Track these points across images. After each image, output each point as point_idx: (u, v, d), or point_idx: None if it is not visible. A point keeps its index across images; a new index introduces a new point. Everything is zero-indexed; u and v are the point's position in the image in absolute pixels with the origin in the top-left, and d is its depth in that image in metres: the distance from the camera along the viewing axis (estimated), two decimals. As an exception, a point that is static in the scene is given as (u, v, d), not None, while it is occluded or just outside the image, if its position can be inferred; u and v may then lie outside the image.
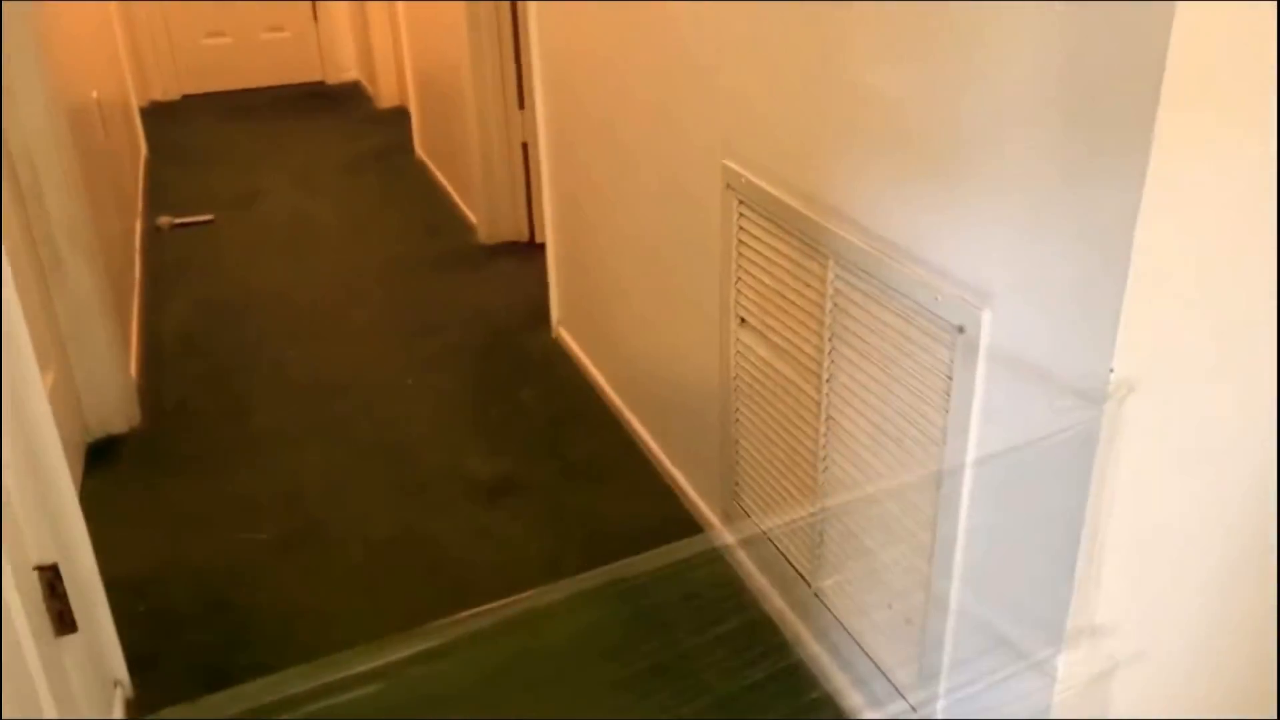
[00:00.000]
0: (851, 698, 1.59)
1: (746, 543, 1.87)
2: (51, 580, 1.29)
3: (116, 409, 2.43)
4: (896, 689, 1.47)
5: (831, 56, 1.35)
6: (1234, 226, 0.99)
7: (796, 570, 1.68)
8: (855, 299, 1.39)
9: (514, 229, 3.39)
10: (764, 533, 1.78)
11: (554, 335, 2.80)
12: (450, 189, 3.82)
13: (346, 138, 4.63)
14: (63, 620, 1.32)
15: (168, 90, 5.18)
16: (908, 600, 1.41)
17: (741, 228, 1.66)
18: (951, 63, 1.13)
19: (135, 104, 4.51)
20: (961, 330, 1.19)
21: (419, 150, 4.28)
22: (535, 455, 2.29)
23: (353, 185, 4.07)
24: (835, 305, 1.44)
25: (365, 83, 5.32)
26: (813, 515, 1.59)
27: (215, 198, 3.87)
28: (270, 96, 5.28)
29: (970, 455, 1.22)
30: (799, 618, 1.72)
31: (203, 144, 4.56)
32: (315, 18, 5.37)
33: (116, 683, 1.60)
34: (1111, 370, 1.00)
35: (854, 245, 1.36)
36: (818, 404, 1.53)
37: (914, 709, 1.44)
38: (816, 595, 1.64)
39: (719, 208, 1.72)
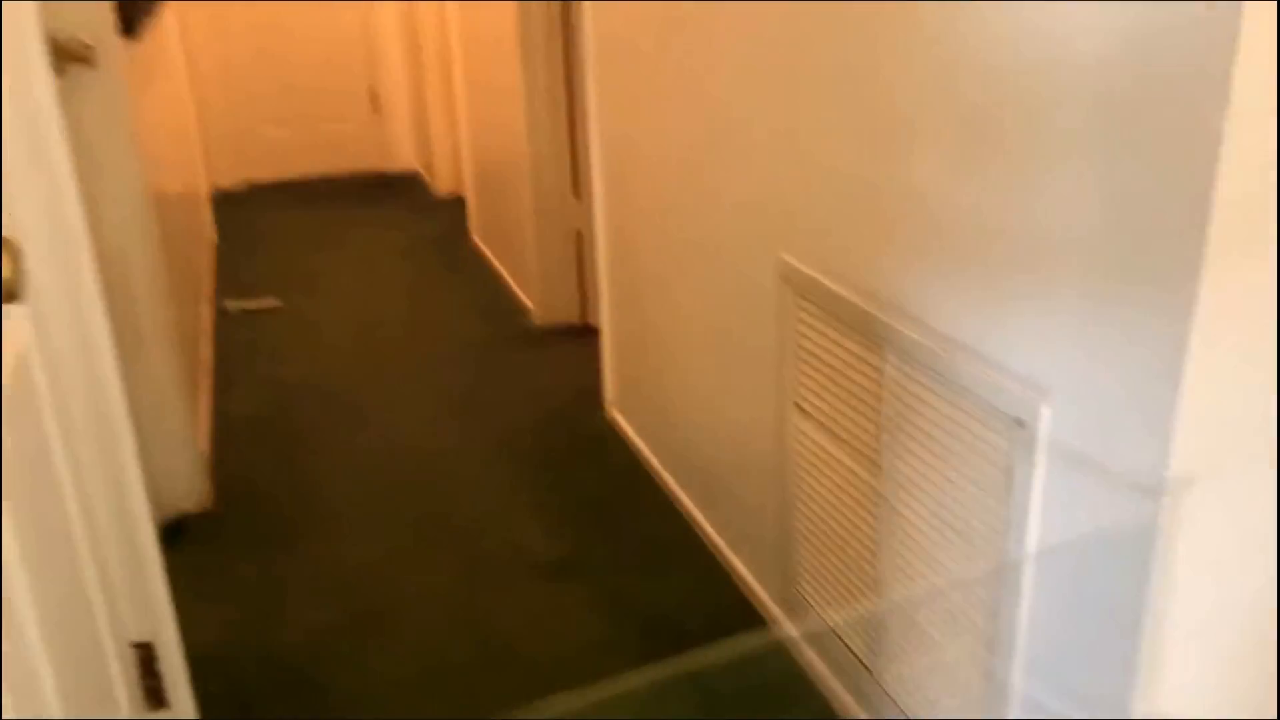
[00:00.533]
0: (913, 785, 1.60)
1: (810, 635, 1.89)
2: (147, 657, 1.35)
3: (187, 489, 2.51)
4: (959, 777, 1.48)
5: (890, 160, 1.42)
6: (1285, 328, 1.04)
7: (860, 660, 1.70)
8: (913, 390, 1.44)
9: (567, 312, 3.48)
10: (829, 627, 1.81)
11: (608, 416, 2.86)
12: (505, 273, 3.93)
13: (405, 224, 4.79)
14: (156, 697, 1.37)
15: (234, 179, 5.39)
16: (971, 690, 1.43)
17: (799, 319, 1.73)
18: (1006, 174, 1.20)
19: (206, 198, 4.70)
20: (1020, 424, 1.24)
21: (475, 236, 4.41)
22: (591, 537, 2.33)
23: (411, 270, 4.20)
24: (893, 396, 1.49)
25: (423, 172, 5.50)
26: (874, 607, 1.62)
27: (280, 283, 4.01)
28: (331, 185, 5.47)
29: (1031, 547, 1.26)
30: (864, 709, 1.73)
31: (267, 231, 4.73)
32: (376, 109, 5.58)
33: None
34: (1168, 465, 1.04)
35: (911, 339, 1.42)
36: (876, 493, 1.57)
37: (977, 797, 1.45)
38: (881, 687, 1.66)
39: (775, 299, 1.79)
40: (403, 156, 5.65)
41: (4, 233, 0.79)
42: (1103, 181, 1.06)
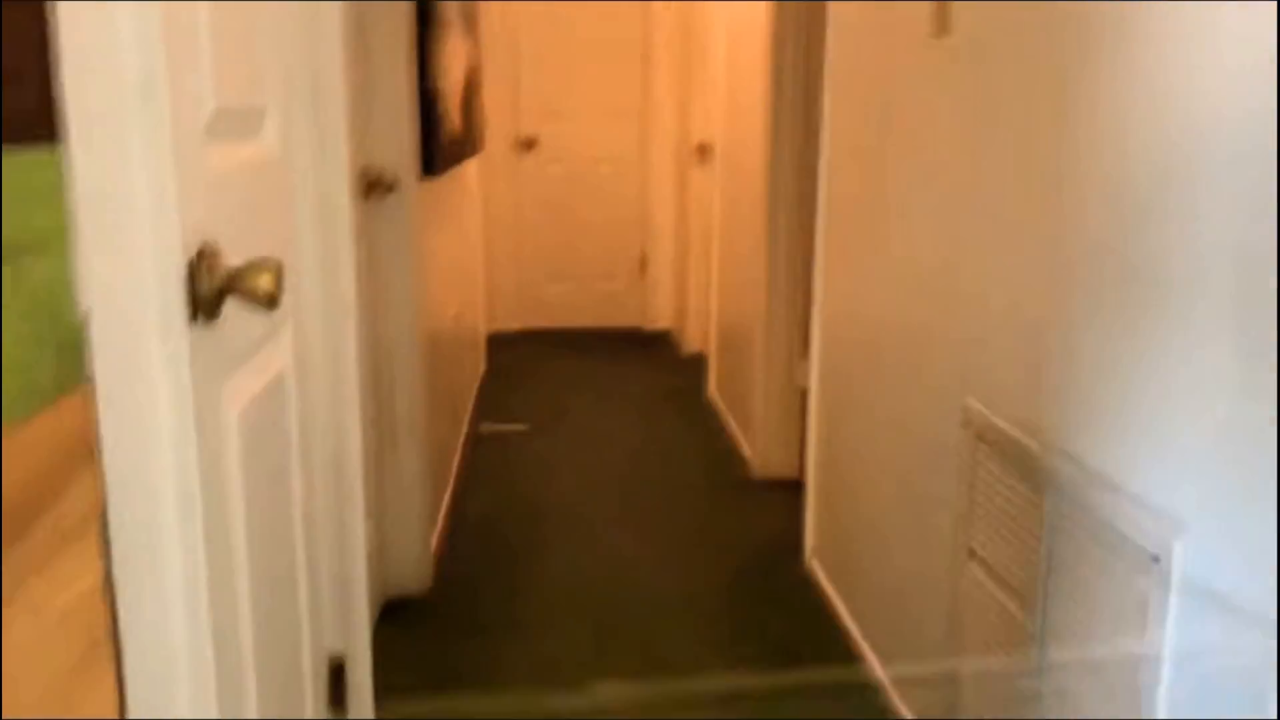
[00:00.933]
0: None
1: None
2: (338, 668, 1.56)
3: (414, 574, 2.79)
4: None
5: (1061, 310, 1.50)
6: None
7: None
8: (1067, 529, 1.46)
9: (786, 466, 3.58)
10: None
11: (807, 565, 2.91)
12: (734, 427, 4.11)
13: (650, 376, 5.10)
14: (340, 703, 1.58)
15: (510, 323, 5.95)
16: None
17: (977, 460, 1.78)
18: (1146, 322, 1.26)
19: (482, 333, 5.23)
20: (1156, 560, 1.25)
21: (711, 391, 4.64)
22: (769, 673, 2.38)
23: (649, 415, 4.47)
24: (1050, 535, 1.51)
25: (674, 331, 5.85)
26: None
27: (532, 413, 4.38)
28: (594, 337, 5.92)
29: (1164, 681, 1.24)
30: None
31: (530, 370, 5.18)
32: (643, 272, 6.04)
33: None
34: (1287, 599, 1.04)
35: (1069, 477, 1.45)
36: (1029, 634, 1.57)
37: None
38: (1021, 838, 1.61)
39: (957, 444, 1.85)
40: (661, 316, 6.04)
41: (274, 258, 1.05)
42: (1233, 336, 1.12)
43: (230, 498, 1.09)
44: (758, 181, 3.63)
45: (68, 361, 0.72)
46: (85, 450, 0.73)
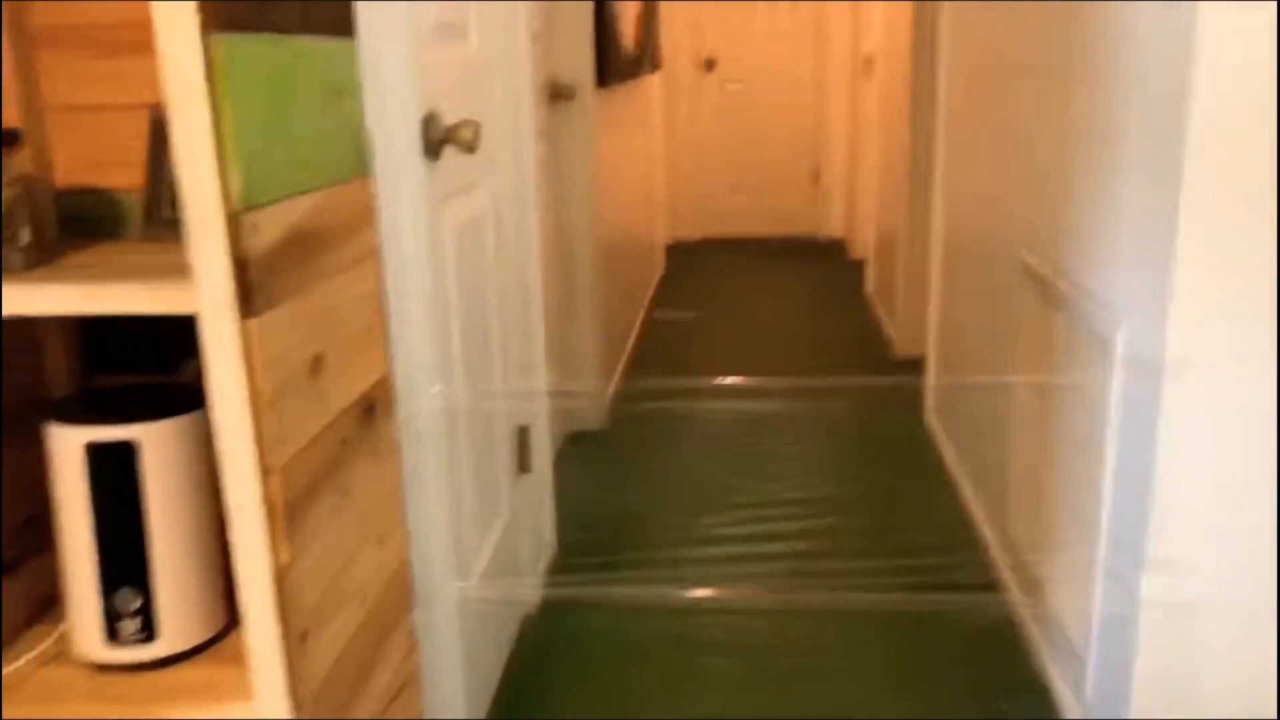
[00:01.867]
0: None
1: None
2: (522, 435, 2.17)
3: (593, 414, 3.40)
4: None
5: (1064, 180, 1.90)
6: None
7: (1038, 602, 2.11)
8: (1069, 342, 1.88)
9: (921, 346, 3.98)
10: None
11: (926, 423, 3.35)
12: (883, 316, 4.52)
13: (816, 277, 5.55)
14: (523, 465, 2.19)
15: (691, 232, 6.49)
16: (1085, 581, 1.83)
17: (1026, 300, 2.19)
18: (1113, 178, 1.66)
19: (661, 237, 5.80)
20: (1108, 345, 1.67)
21: (869, 288, 5.05)
22: (866, 486, 2.86)
23: (810, 310, 4.93)
24: (1062, 349, 1.93)
25: (845, 239, 6.24)
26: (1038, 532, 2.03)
27: (701, 304, 4.93)
28: (768, 244, 6.40)
29: (1113, 422, 1.67)
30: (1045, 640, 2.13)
31: (704, 270, 5.72)
32: (815, 183, 6.43)
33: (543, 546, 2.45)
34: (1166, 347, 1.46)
35: (1067, 292, 1.87)
36: (1049, 425, 2.00)
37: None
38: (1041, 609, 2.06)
39: (1018, 292, 2.26)
40: (833, 226, 6.43)
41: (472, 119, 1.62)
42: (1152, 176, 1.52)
43: (448, 285, 1.68)
44: (904, 92, 3.99)
45: (362, 159, 1.29)
46: (369, 212, 1.31)
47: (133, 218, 1.28)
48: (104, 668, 1.13)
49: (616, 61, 3.50)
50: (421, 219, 1.50)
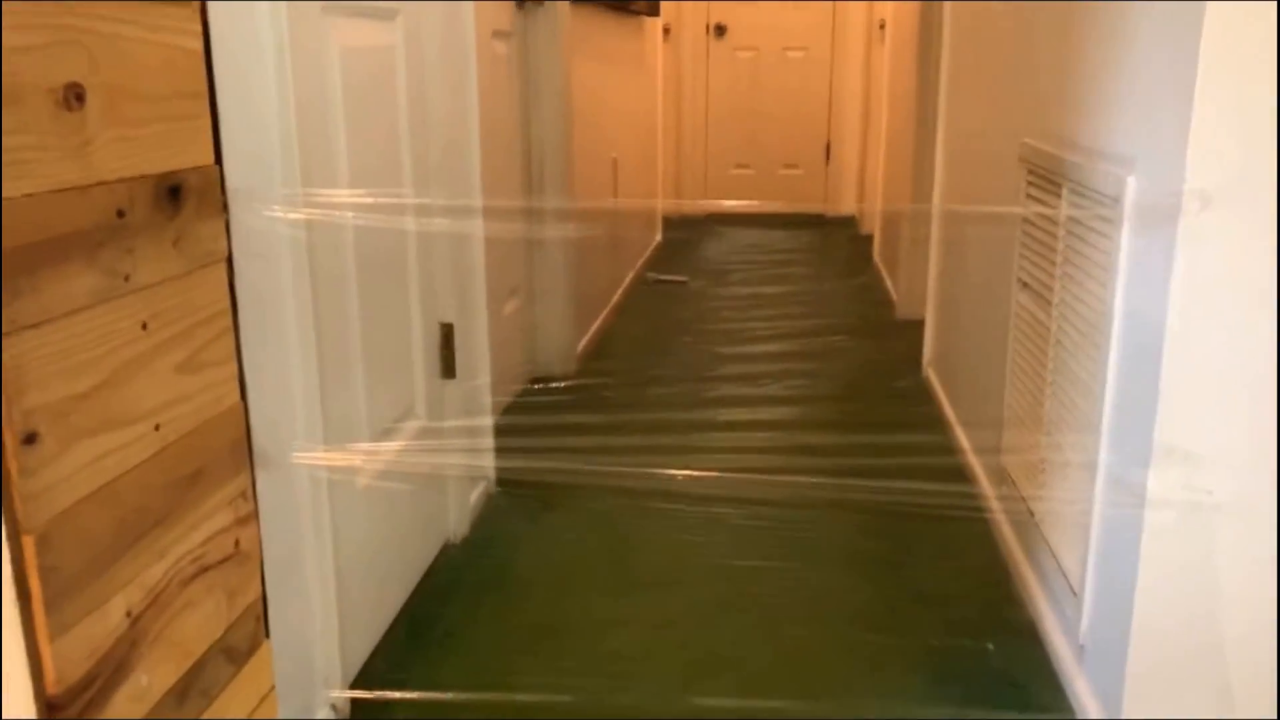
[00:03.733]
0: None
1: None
2: (447, 335, 1.91)
3: (561, 364, 3.13)
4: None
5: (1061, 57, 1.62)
6: None
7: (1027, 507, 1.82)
8: (1072, 226, 1.60)
9: (922, 308, 3.70)
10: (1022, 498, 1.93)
11: (924, 374, 3.07)
12: (888, 282, 4.24)
13: (824, 248, 5.27)
14: (449, 369, 1.92)
15: (696, 205, 6.23)
16: (1080, 481, 1.54)
17: (1029, 195, 1.91)
18: (1113, 40, 1.39)
19: (660, 205, 5.52)
20: (1117, 200, 1.39)
21: (875, 258, 4.77)
22: (888, 443, 2.58)
23: (813, 277, 4.65)
24: (1067, 232, 1.65)
25: (857, 216, 5.96)
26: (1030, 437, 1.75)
27: (695, 270, 4.66)
28: (774, 219, 6.12)
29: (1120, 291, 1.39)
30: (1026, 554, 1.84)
31: (704, 240, 5.46)
32: (827, 159, 6.16)
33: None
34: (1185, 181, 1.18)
35: (1071, 163, 1.59)
36: (1049, 330, 1.71)
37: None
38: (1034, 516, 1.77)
39: (1015, 185, 1.98)
40: (845, 203, 6.14)
41: None
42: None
43: (332, 108, 1.42)
44: (912, 51, 3.72)
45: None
46: None
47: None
48: None
49: (600, -21, 3.25)
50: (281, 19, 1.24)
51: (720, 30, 6.03)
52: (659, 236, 5.34)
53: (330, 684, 1.44)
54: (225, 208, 1.15)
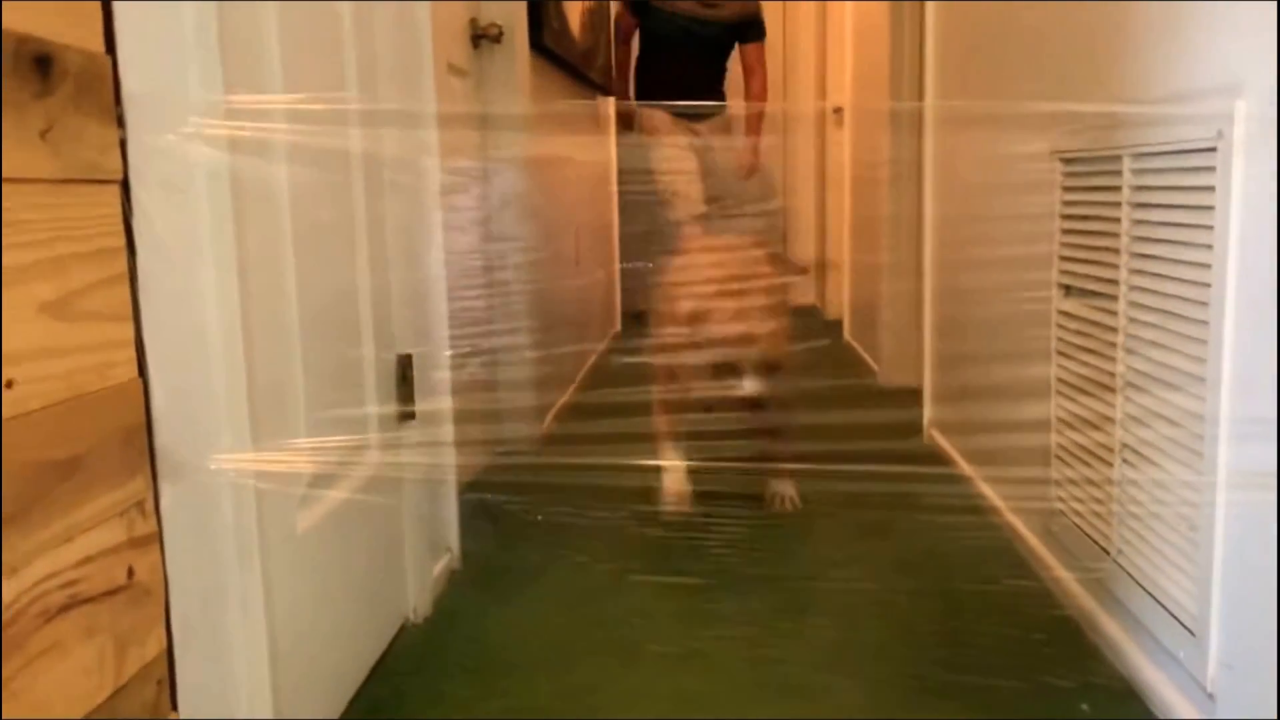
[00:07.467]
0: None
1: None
2: (403, 367, 1.61)
3: (528, 433, 2.83)
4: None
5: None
6: None
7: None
8: (1141, 197, 1.38)
9: (907, 375, 3.48)
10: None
11: (926, 435, 2.82)
12: (865, 356, 4.04)
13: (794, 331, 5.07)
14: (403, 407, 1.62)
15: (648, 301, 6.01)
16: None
17: (1065, 188, 1.69)
18: None
19: (616, 297, 5.26)
20: (1222, 135, 1.16)
21: (847, 336, 4.59)
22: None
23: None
24: (1134, 205, 1.42)
25: (818, 304, 5.78)
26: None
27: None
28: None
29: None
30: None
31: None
32: (785, 245, 6.02)
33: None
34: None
35: (1140, 122, 1.37)
36: (1115, 329, 1.47)
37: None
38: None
39: (1048, 181, 1.76)
40: (802, 291, 5.96)
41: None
42: None
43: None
44: (880, 135, 3.61)
45: None
46: None
47: None
48: None
49: (558, 33, 3.08)
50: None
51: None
52: (616, 327, 5.10)
53: (262, 786, 1.09)
54: (121, 121, 0.87)
